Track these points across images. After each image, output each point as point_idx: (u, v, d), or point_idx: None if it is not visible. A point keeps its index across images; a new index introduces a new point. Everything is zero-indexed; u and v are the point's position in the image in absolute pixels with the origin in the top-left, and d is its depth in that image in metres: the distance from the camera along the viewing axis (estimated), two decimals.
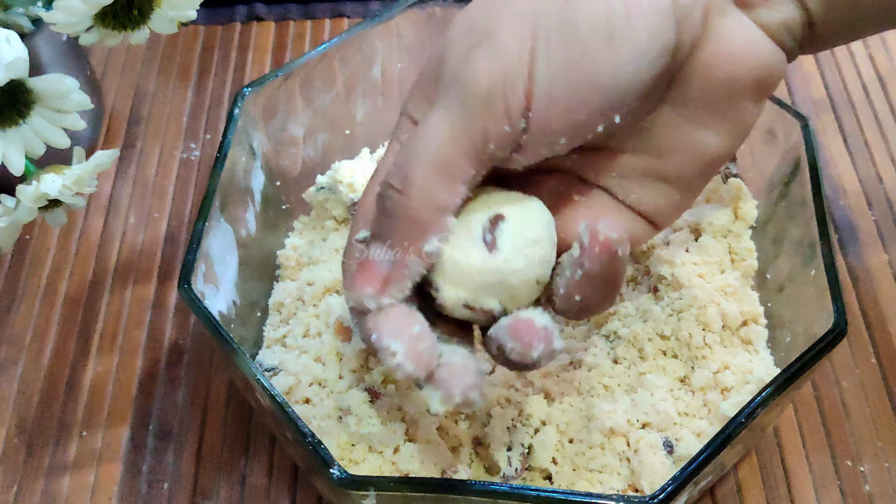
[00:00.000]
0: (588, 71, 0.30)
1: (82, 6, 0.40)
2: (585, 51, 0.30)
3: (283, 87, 0.48)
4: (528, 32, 0.30)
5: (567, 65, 0.30)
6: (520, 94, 0.30)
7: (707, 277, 0.46)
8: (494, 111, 0.30)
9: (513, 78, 0.30)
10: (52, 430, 0.48)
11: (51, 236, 0.56)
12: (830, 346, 0.36)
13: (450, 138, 0.31)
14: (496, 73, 0.30)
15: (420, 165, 0.30)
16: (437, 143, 0.31)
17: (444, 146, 0.31)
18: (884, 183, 0.56)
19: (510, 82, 0.30)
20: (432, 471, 0.39)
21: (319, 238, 0.51)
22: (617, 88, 0.30)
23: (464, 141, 0.30)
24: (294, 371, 0.44)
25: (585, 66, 0.30)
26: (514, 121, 0.30)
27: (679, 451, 0.41)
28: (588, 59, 0.30)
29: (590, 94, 0.30)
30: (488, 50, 0.30)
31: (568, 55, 0.30)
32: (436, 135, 0.31)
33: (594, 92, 0.30)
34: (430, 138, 0.31)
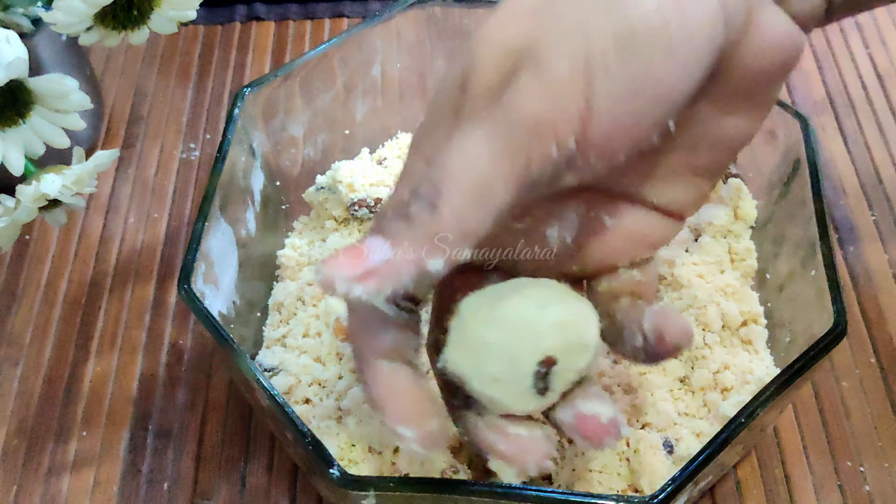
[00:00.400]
0: (650, 84, 0.29)
1: (82, 6, 0.40)
2: (646, 65, 0.29)
3: (283, 87, 0.48)
4: (581, 53, 0.29)
5: (628, 82, 0.29)
6: (574, 121, 0.29)
7: (707, 277, 0.46)
8: (544, 139, 0.29)
9: (568, 105, 0.29)
10: (52, 430, 0.48)
11: (51, 236, 0.56)
12: (830, 346, 0.36)
13: (490, 164, 0.29)
14: (548, 101, 0.29)
15: (455, 186, 0.29)
16: (475, 167, 0.29)
17: (483, 171, 0.29)
18: (884, 183, 0.56)
19: (564, 109, 0.29)
20: (432, 471, 0.39)
21: (319, 238, 0.51)
22: (675, 96, 0.30)
23: (504, 166, 0.29)
24: (294, 371, 0.44)
25: (647, 80, 0.29)
26: (563, 148, 0.29)
27: (679, 451, 0.41)
28: (649, 73, 0.29)
29: (652, 107, 0.30)
30: (537, 75, 0.29)
31: (628, 73, 0.29)
32: (473, 158, 0.29)
33: (656, 104, 0.30)
34: (467, 161, 0.29)
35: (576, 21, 0.29)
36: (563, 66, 0.29)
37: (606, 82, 0.29)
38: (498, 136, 0.29)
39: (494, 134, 0.29)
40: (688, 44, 0.29)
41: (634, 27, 0.29)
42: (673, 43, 0.29)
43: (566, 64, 0.29)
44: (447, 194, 0.29)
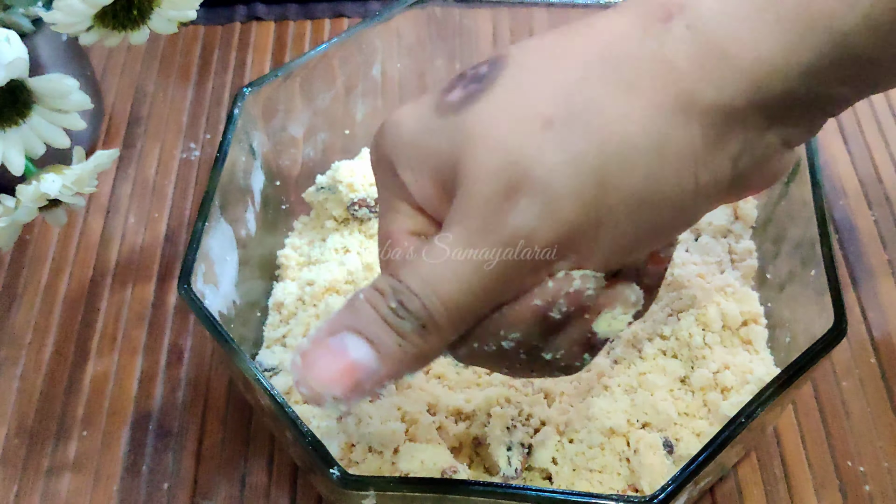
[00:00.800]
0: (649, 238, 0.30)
1: (82, 6, 0.40)
2: (652, 226, 0.29)
3: (283, 87, 0.48)
4: (593, 202, 0.28)
5: (632, 238, 0.29)
6: (574, 262, 0.29)
7: (707, 277, 0.46)
8: (540, 272, 0.29)
9: (570, 251, 0.28)
10: (52, 430, 0.48)
11: (51, 236, 0.56)
12: (830, 346, 0.36)
13: (482, 290, 0.28)
14: (555, 243, 0.28)
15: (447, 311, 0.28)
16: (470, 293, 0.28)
17: (476, 297, 0.28)
18: (884, 183, 0.56)
19: (565, 254, 0.29)
20: (432, 471, 0.39)
21: (319, 238, 0.51)
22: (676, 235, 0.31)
23: (496, 293, 0.29)
24: None
25: (648, 236, 0.29)
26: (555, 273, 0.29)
27: (679, 451, 0.41)
28: (652, 231, 0.29)
29: (645, 250, 0.31)
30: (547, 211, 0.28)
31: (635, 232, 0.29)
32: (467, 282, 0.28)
33: (650, 248, 0.31)
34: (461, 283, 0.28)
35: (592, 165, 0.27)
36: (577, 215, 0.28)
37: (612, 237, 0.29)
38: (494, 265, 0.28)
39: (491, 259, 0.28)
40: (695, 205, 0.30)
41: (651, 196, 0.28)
42: (684, 210, 0.29)
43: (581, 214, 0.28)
44: (440, 322, 0.28)
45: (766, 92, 0.28)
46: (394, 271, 0.29)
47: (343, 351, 0.29)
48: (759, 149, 0.29)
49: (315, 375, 0.29)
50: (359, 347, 0.29)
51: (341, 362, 0.29)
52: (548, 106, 0.28)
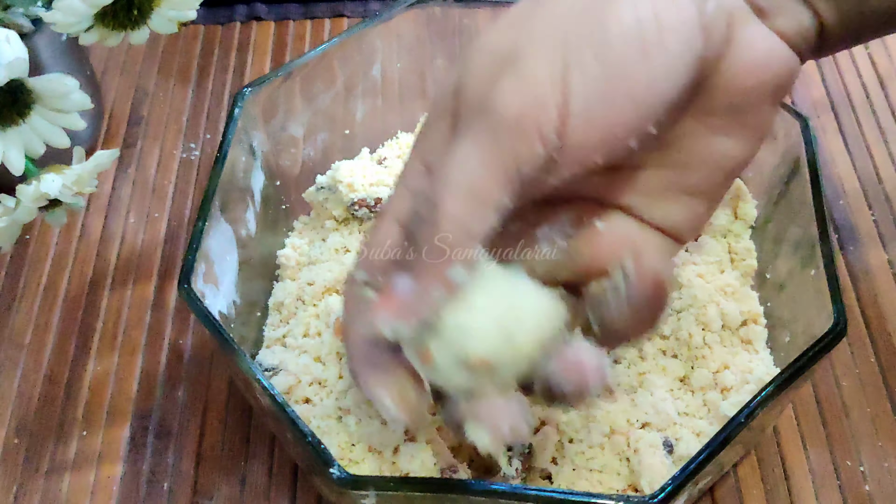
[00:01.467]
0: (624, 86, 0.30)
1: (82, 6, 0.40)
2: (620, 67, 0.30)
3: (283, 87, 0.48)
4: (559, 54, 0.30)
5: (603, 82, 0.30)
6: (553, 116, 0.30)
7: (707, 277, 0.46)
8: (527, 135, 0.30)
9: (546, 100, 0.30)
10: (52, 430, 0.48)
11: (51, 236, 0.56)
12: (830, 346, 0.36)
13: (480, 165, 0.30)
14: (528, 97, 0.30)
15: (450, 194, 0.30)
16: (468, 171, 0.30)
17: (475, 173, 0.30)
18: (884, 183, 0.56)
19: (543, 105, 0.30)
20: (432, 471, 0.39)
21: (319, 238, 0.51)
22: (651, 100, 0.30)
23: (495, 167, 0.30)
24: (294, 371, 0.44)
25: (621, 81, 0.30)
26: (547, 143, 0.30)
27: (679, 451, 0.41)
28: (623, 75, 0.30)
29: (626, 108, 0.30)
30: (517, 75, 0.30)
31: (603, 72, 0.30)
32: (465, 162, 0.30)
33: (630, 106, 0.30)
34: (460, 166, 0.30)
35: (554, 26, 0.30)
36: (541, 66, 0.30)
37: (582, 81, 0.30)
38: (486, 140, 0.30)
39: (483, 138, 0.30)
40: (663, 48, 0.30)
41: (609, 29, 0.30)
42: (647, 46, 0.30)
43: (544, 64, 0.30)
44: (443, 203, 0.30)
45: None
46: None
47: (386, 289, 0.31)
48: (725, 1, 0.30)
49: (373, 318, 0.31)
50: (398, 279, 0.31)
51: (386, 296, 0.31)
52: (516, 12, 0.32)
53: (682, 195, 0.35)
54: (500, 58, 0.31)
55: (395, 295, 0.31)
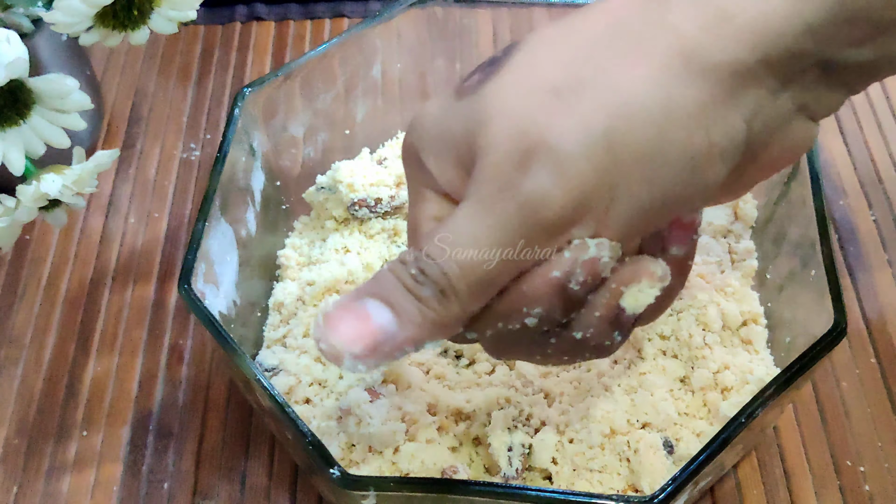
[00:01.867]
0: (665, 203, 0.29)
1: (82, 6, 0.40)
2: (666, 190, 0.29)
3: (283, 87, 0.48)
4: (606, 165, 0.28)
5: (647, 202, 0.29)
6: (591, 227, 0.29)
7: (707, 277, 0.46)
8: (556, 238, 0.29)
9: (585, 215, 0.29)
10: (52, 430, 0.48)
11: (51, 236, 0.56)
12: (830, 346, 0.36)
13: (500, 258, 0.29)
14: (569, 207, 0.28)
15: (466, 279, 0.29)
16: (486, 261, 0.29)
17: (494, 265, 0.29)
18: (884, 183, 0.56)
19: (581, 219, 0.29)
20: (432, 471, 0.39)
21: (319, 238, 0.51)
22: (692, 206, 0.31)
23: (514, 262, 0.29)
24: (294, 371, 0.44)
25: (663, 200, 0.29)
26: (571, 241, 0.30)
27: (679, 451, 0.41)
28: (667, 195, 0.29)
29: (664, 217, 0.31)
30: (559, 175, 0.28)
31: (649, 195, 0.29)
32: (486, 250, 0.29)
33: (668, 215, 0.31)
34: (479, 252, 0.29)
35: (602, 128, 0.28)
36: (588, 171, 0.28)
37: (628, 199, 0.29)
38: (511, 232, 0.29)
39: (508, 228, 0.29)
40: (710, 168, 0.29)
41: (664, 149, 0.28)
42: (696, 168, 0.29)
43: (592, 169, 0.28)
44: (458, 287, 0.29)
45: (773, 48, 0.28)
46: (416, 244, 0.30)
47: (365, 313, 0.30)
48: (773, 111, 0.30)
49: (336, 333, 0.30)
50: (380, 311, 0.30)
51: (363, 323, 0.30)
52: (557, 76, 0.29)
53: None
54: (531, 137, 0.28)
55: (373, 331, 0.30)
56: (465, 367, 0.45)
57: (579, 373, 0.44)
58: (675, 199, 0.29)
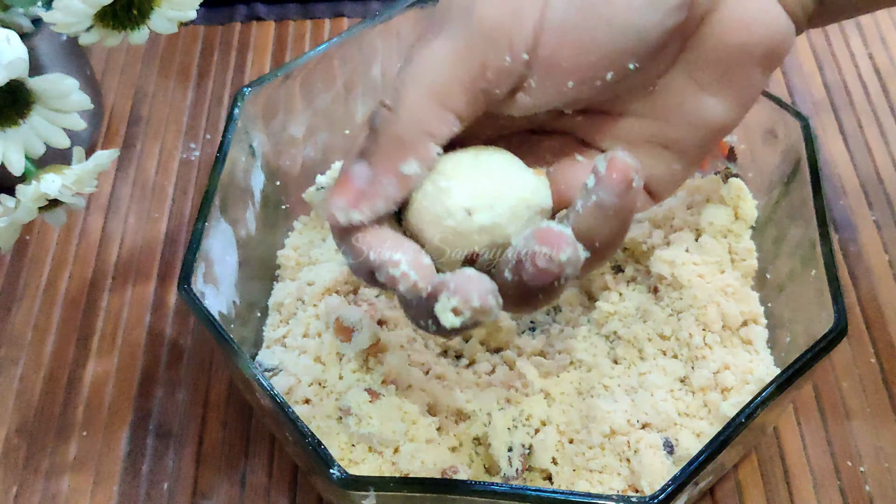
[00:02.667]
0: (603, 11, 0.30)
1: (82, 6, 0.40)
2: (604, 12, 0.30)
3: (283, 87, 0.48)
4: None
5: (582, 3, 0.30)
6: (528, 28, 0.30)
7: (707, 277, 0.46)
8: (498, 43, 0.30)
9: (523, 14, 0.30)
10: (52, 430, 0.48)
11: (51, 236, 0.56)
12: (830, 346, 0.36)
13: (447, 63, 0.30)
14: (506, 8, 0.30)
15: (413, 86, 0.31)
16: (434, 67, 0.31)
17: (440, 71, 0.31)
18: (884, 183, 0.56)
19: (519, 18, 0.30)
20: (432, 471, 0.39)
21: (319, 238, 0.51)
22: (630, 33, 0.30)
23: (461, 71, 0.30)
24: (294, 371, 0.44)
25: (600, 5, 0.30)
26: (516, 54, 0.30)
27: (679, 451, 0.41)
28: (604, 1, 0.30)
29: (602, 34, 0.30)
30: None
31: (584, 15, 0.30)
32: (433, 59, 0.31)
33: (606, 33, 0.30)
34: (427, 61, 0.31)
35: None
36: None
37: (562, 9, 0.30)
38: (458, 42, 0.30)
39: (455, 39, 0.30)
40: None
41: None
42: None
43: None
44: (404, 95, 0.31)
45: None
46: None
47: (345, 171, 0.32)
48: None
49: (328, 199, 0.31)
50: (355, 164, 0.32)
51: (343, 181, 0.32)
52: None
53: (661, 149, 0.35)
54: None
55: (351, 181, 0.31)
56: (465, 367, 0.45)
57: (579, 373, 0.44)
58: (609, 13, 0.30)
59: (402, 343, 0.44)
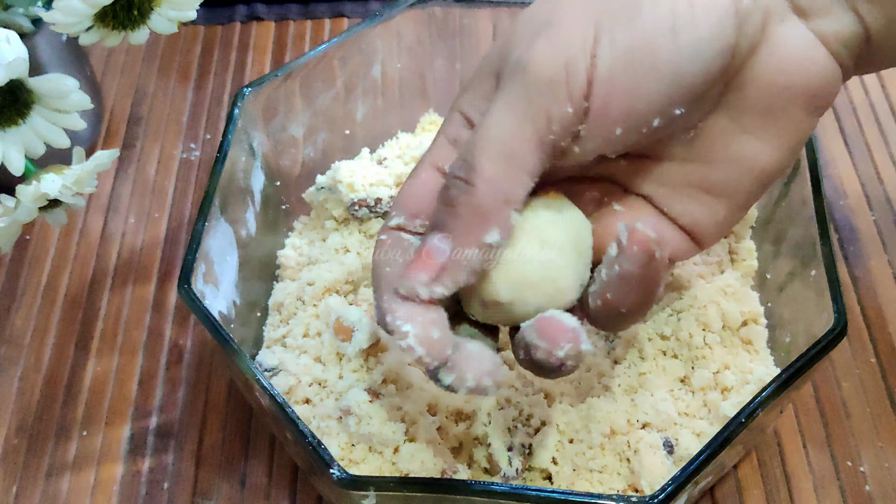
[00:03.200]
0: (649, 60, 0.30)
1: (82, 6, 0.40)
2: (648, 40, 0.30)
3: (283, 87, 0.48)
4: (591, 20, 0.31)
5: (629, 52, 0.30)
6: (582, 77, 0.30)
7: (707, 277, 0.46)
8: (557, 94, 0.30)
9: (575, 62, 0.30)
10: (52, 430, 0.48)
11: (51, 236, 0.56)
12: (830, 346, 0.36)
13: (516, 126, 0.31)
14: (559, 57, 0.30)
15: (487, 156, 0.31)
16: (504, 133, 0.31)
17: (511, 135, 0.31)
18: (884, 183, 0.56)
19: (572, 66, 0.30)
20: (432, 471, 0.39)
21: (319, 238, 0.51)
22: (676, 80, 0.30)
23: (528, 128, 0.31)
24: (294, 371, 0.44)
25: (647, 54, 0.30)
26: (576, 103, 0.30)
27: (679, 451, 0.41)
28: (650, 49, 0.30)
29: (649, 83, 0.30)
30: (551, 36, 0.31)
31: (630, 43, 0.30)
32: (501, 124, 0.31)
33: (654, 81, 0.30)
34: (496, 128, 0.31)
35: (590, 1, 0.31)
36: (574, 31, 0.30)
37: (609, 48, 0.30)
38: (519, 96, 0.31)
39: (516, 95, 0.31)
40: (693, 29, 0.30)
41: (642, 3, 0.30)
42: (677, 24, 0.30)
43: (577, 30, 0.30)
44: (480, 166, 0.30)
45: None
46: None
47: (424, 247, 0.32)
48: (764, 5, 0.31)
49: (407, 275, 0.32)
50: (431, 239, 0.32)
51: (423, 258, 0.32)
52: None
53: (703, 193, 0.34)
54: (537, 24, 0.32)
55: (432, 256, 0.31)
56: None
57: (579, 373, 0.44)
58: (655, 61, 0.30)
59: None
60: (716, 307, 0.44)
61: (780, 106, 0.32)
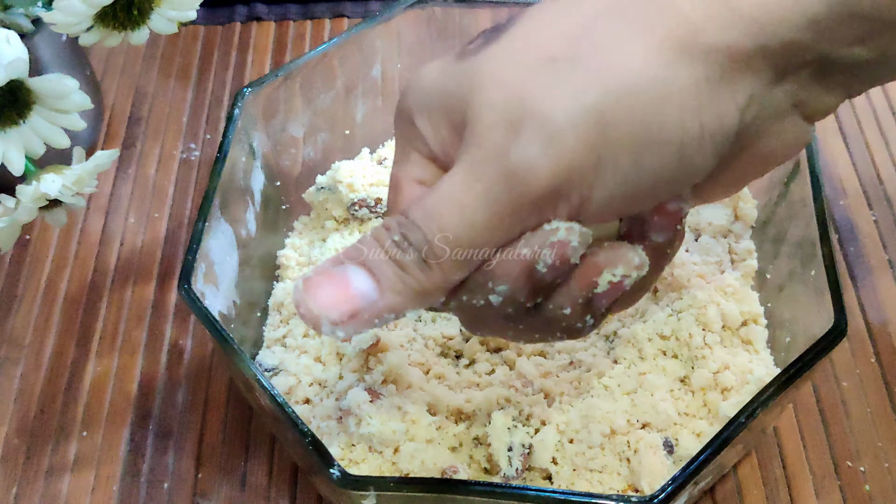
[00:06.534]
0: (651, 184, 0.29)
1: (82, 6, 0.40)
2: (653, 170, 0.29)
3: (283, 87, 0.48)
4: (594, 140, 0.28)
5: (633, 181, 0.29)
6: (576, 201, 0.29)
7: (707, 277, 0.46)
8: (543, 210, 0.29)
9: (571, 188, 0.29)
10: (52, 430, 0.48)
11: (51, 236, 0.56)
12: (830, 346, 0.36)
13: (486, 227, 0.29)
14: (556, 179, 0.28)
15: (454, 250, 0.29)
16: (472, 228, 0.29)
17: (480, 233, 0.29)
18: (884, 183, 0.56)
19: (567, 192, 0.29)
20: (432, 471, 0.39)
21: (319, 238, 0.51)
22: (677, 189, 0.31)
23: (501, 231, 0.29)
24: (294, 371, 0.44)
25: (650, 180, 0.29)
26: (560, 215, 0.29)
27: (679, 451, 0.41)
28: (654, 176, 0.29)
29: (649, 199, 0.31)
30: (548, 146, 0.28)
31: (636, 174, 0.29)
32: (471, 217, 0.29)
33: (656, 196, 0.31)
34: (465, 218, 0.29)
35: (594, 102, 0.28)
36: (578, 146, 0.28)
37: (613, 177, 0.29)
38: (500, 200, 0.29)
39: (495, 195, 0.29)
40: (699, 155, 0.29)
41: (651, 132, 0.28)
42: (684, 154, 0.29)
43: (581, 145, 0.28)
44: (440, 252, 0.29)
45: (771, 38, 0.28)
46: (397, 208, 0.31)
47: (345, 279, 0.30)
48: (767, 103, 0.30)
49: (315, 299, 0.30)
50: (360, 277, 0.30)
51: (342, 289, 0.30)
52: (555, 47, 0.29)
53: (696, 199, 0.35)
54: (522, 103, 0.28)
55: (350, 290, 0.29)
56: (465, 367, 0.45)
57: (579, 373, 0.44)
58: (661, 181, 0.29)
59: (402, 343, 0.44)
60: (716, 307, 0.44)
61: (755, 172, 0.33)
